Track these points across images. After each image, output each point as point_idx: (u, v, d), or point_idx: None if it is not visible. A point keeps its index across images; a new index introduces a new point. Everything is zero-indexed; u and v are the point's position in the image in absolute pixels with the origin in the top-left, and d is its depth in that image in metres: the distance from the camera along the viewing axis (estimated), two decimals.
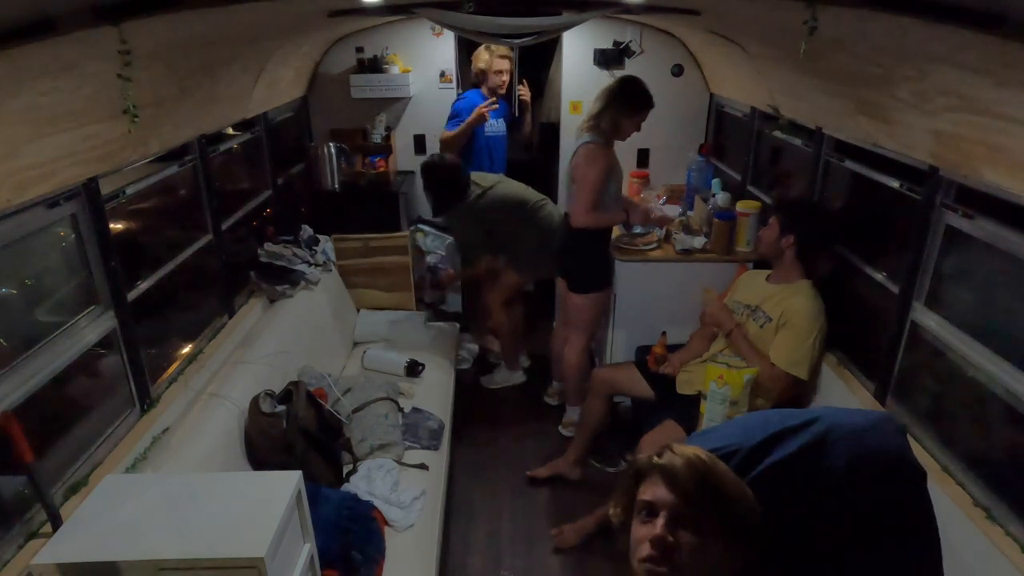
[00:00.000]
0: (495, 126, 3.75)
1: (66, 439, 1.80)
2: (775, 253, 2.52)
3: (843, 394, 2.31)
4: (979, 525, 1.62)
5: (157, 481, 1.71)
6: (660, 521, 0.99)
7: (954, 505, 1.69)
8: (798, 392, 2.54)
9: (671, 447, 1.05)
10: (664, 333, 2.85)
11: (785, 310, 2.40)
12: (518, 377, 3.84)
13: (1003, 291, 1.76)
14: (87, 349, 1.85)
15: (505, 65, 3.59)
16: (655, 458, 1.04)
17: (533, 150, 4.36)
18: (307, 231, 3.37)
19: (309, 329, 2.96)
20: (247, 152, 3.13)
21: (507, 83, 3.64)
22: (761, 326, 2.47)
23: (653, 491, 1.01)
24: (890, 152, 2.07)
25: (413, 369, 3.10)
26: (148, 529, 1.48)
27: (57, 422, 1.80)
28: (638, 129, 2.93)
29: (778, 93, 2.79)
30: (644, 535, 1.00)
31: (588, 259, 3.05)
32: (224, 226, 2.73)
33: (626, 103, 2.84)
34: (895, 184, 2.14)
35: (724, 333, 2.52)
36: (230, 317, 2.75)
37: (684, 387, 2.67)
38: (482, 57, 3.63)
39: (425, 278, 3.77)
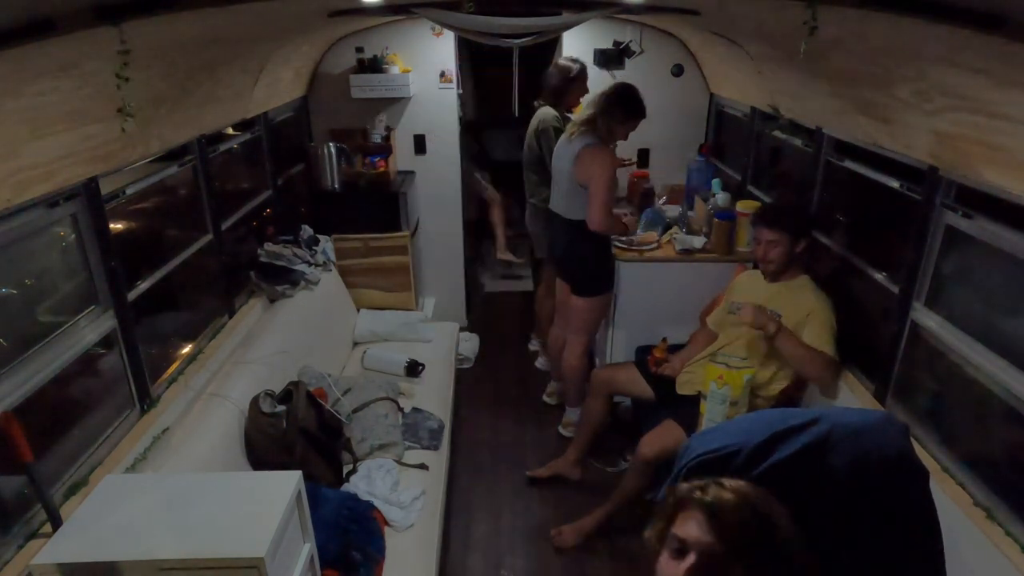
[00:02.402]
0: None
1: (66, 439, 1.80)
2: (789, 262, 2.48)
3: (843, 394, 2.31)
4: (979, 525, 1.62)
5: (157, 481, 1.71)
6: (686, 564, 0.91)
7: (954, 505, 1.69)
8: (797, 392, 2.55)
9: (720, 482, 0.96)
10: (664, 339, 2.86)
11: (802, 305, 2.40)
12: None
13: (1003, 291, 1.76)
14: (87, 349, 1.85)
15: None
16: (698, 492, 0.95)
17: None
18: (307, 231, 3.36)
19: (309, 329, 2.95)
20: (247, 152, 3.13)
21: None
22: None
23: (687, 528, 0.93)
24: (890, 152, 2.06)
25: (413, 369, 3.09)
26: (148, 529, 1.48)
27: (57, 422, 1.80)
28: (625, 138, 2.94)
29: (778, 93, 2.79)
30: (669, 573, 0.93)
31: (592, 262, 3.04)
32: (224, 226, 2.72)
33: (621, 110, 2.83)
34: (895, 184, 2.14)
35: (768, 335, 2.35)
36: (230, 317, 2.75)
37: (684, 387, 2.67)
38: None
39: None
